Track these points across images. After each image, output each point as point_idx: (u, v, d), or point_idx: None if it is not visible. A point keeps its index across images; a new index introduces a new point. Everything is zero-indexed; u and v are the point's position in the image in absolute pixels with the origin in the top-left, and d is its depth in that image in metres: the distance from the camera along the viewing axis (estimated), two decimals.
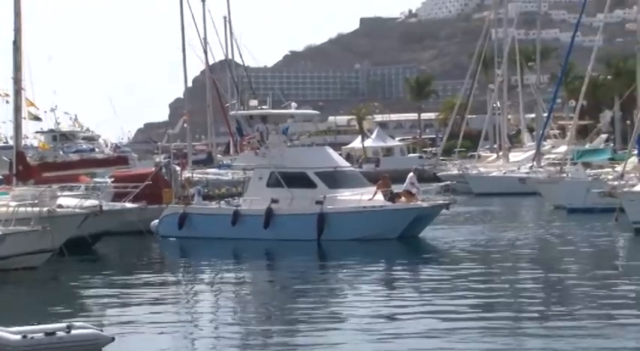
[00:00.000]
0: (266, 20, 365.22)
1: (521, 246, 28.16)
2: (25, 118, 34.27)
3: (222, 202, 33.50)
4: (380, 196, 30.76)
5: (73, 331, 13.32)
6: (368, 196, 30.57)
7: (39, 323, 13.90)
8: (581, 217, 35.58)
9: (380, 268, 24.51)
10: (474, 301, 17.97)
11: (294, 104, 37.65)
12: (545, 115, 58.36)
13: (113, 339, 13.71)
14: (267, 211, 30.59)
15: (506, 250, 27.28)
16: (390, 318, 16.51)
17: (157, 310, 18.02)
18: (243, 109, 39.46)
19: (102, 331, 13.93)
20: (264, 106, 34.73)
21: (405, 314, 16.73)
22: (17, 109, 31.42)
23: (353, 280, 22.06)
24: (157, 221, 32.24)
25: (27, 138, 51.40)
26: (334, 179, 31.42)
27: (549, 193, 41.77)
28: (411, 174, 32.35)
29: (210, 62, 57.62)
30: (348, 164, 37.02)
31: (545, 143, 59.90)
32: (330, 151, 34.28)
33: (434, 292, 19.56)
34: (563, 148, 51.48)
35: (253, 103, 35.24)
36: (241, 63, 63.41)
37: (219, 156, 63.28)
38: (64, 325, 13.51)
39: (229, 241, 30.15)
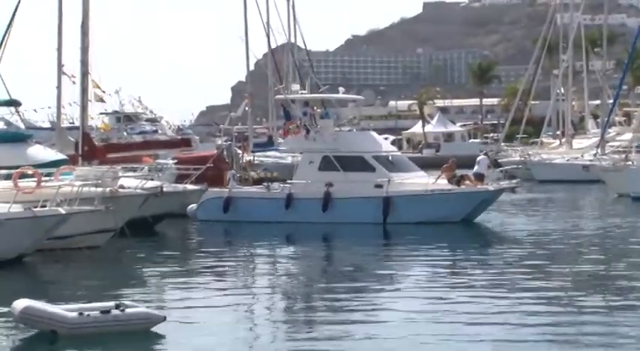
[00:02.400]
0: (329, 4, 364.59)
1: (583, 235, 27.76)
2: (90, 100, 34.79)
3: (260, 186, 33.10)
4: (442, 180, 30.90)
5: (128, 310, 13.56)
6: (432, 180, 30.94)
7: (89, 302, 14.20)
8: None
9: (453, 253, 24.64)
10: (536, 293, 17.76)
11: (341, 89, 37.64)
12: (611, 101, 57.32)
13: (165, 318, 13.92)
14: (326, 194, 30.65)
15: (569, 239, 26.87)
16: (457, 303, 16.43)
17: (212, 291, 18.16)
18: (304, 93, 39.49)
19: (154, 310, 14.16)
20: (303, 91, 34.82)
21: (465, 301, 16.65)
22: (84, 91, 31.93)
23: (433, 268, 21.79)
24: (194, 205, 31.82)
25: (92, 119, 52.22)
26: (391, 163, 31.73)
27: (613, 181, 41.10)
28: (484, 157, 32.55)
29: (273, 46, 57.72)
30: (395, 149, 37.17)
31: (610, 130, 58.89)
32: (377, 135, 34.39)
33: (497, 278, 19.42)
34: (628, 136, 50.57)
35: (295, 87, 35.32)
36: (303, 47, 63.43)
37: (279, 139, 63.47)
38: (112, 303, 13.76)
39: (282, 225, 30.14)
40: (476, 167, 31.78)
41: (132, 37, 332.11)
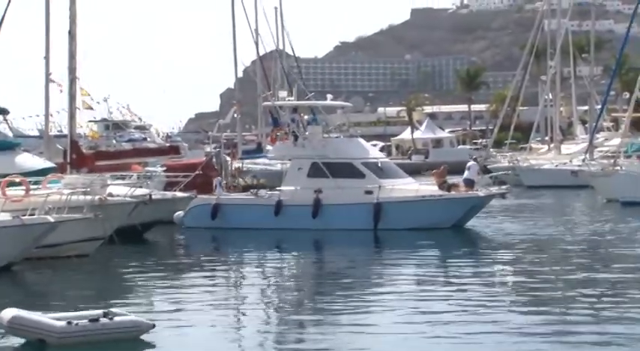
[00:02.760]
0: (317, 11, 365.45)
1: (572, 241, 27.68)
2: (79, 108, 34.69)
3: (247, 193, 32.92)
4: (432, 186, 31.35)
5: (116, 318, 13.52)
6: (423, 186, 31.47)
7: (75, 310, 14.14)
8: (634, 211, 35.06)
9: (445, 261, 24.70)
10: (525, 298, 17.80)
11: (329, 96, 37.56)
12: (599, 107, 57.53)
13: (154, 326, 13.89)
14: (316, 200, 30.63)
15: (559, 245, 26.81)
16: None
17: (201, 298, 18.05)
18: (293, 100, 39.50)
19: (142, 318, 14.12)
20: (290, 98, 34.80)
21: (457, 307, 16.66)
22: (72, 98, 31.83)
23: (432, 275, 21.77)
24: (181, 212, 31.48)
25: (81, 127, 52.08)
26: (380, 169, 31.84)
27: (602, 186, 41.20)
28: (474, 163, 32.77)
29: (261, 53, 57.85)
30: (382, 155, 37.23)
31: (598, 136, 59.09)
32: (364, 142, 34.43)
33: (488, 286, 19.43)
34: (616, 141, 50.74)
35: (282, 94, 35.31)
36: (292, 54, 63.56)
37: (268, 146, 63.44)
38: (100, 311, 13.72)
39: (271, 232, 30.01)
40: (466, 173, 31.85)
41: (120, 44, 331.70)
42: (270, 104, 35.99)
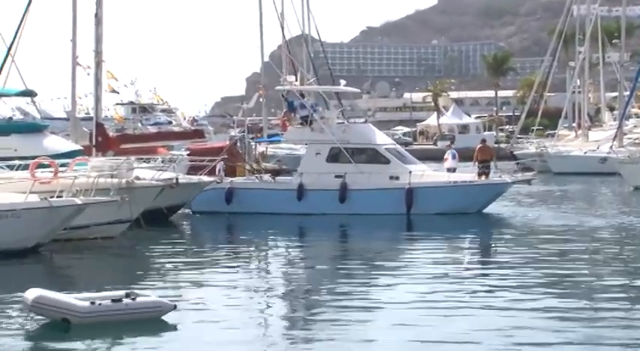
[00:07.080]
0: None
1: (597, 228, 27.37)
2: (106, 90, 34.81)
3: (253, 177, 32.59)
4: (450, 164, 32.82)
5: (139, 299, 13.62)
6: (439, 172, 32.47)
7: (97, 291, 14.27)
8: None
9: (483, 247, 25.00)
10: (553, 284, 17.68)
11: (343, 82, 37.39)
12: (627, 93, 57.01)
13: (175, 307, 13.98)
14: (342, 185, 30.51)
15: (585, 232, 26.57)
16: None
17: (223, 281, 18.10)
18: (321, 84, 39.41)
19: (164, 299, 14.21)
20: (296, 83, 34.64)
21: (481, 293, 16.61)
22: (97, 82, 31.95)
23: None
24: None
25: (107, 109, 52.33)
26: (401, 155, 31.91)
27: (629, 174, 40.88)
28: (454, 151, 33.73)
29: (287, 37, 57.65)
30: (393, 141, 37.11)
31: (626, 122, 58.55)
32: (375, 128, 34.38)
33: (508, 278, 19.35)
34: None
35: (290, 79, 35.17)
36: (318, 38, 63.36)
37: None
38: (123, 292, 13.81)
39: (292, 217, 29.79)
40: (452, 162, 32.76)
41: (147, 27, 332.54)
42: (281, 88, 35.74)
